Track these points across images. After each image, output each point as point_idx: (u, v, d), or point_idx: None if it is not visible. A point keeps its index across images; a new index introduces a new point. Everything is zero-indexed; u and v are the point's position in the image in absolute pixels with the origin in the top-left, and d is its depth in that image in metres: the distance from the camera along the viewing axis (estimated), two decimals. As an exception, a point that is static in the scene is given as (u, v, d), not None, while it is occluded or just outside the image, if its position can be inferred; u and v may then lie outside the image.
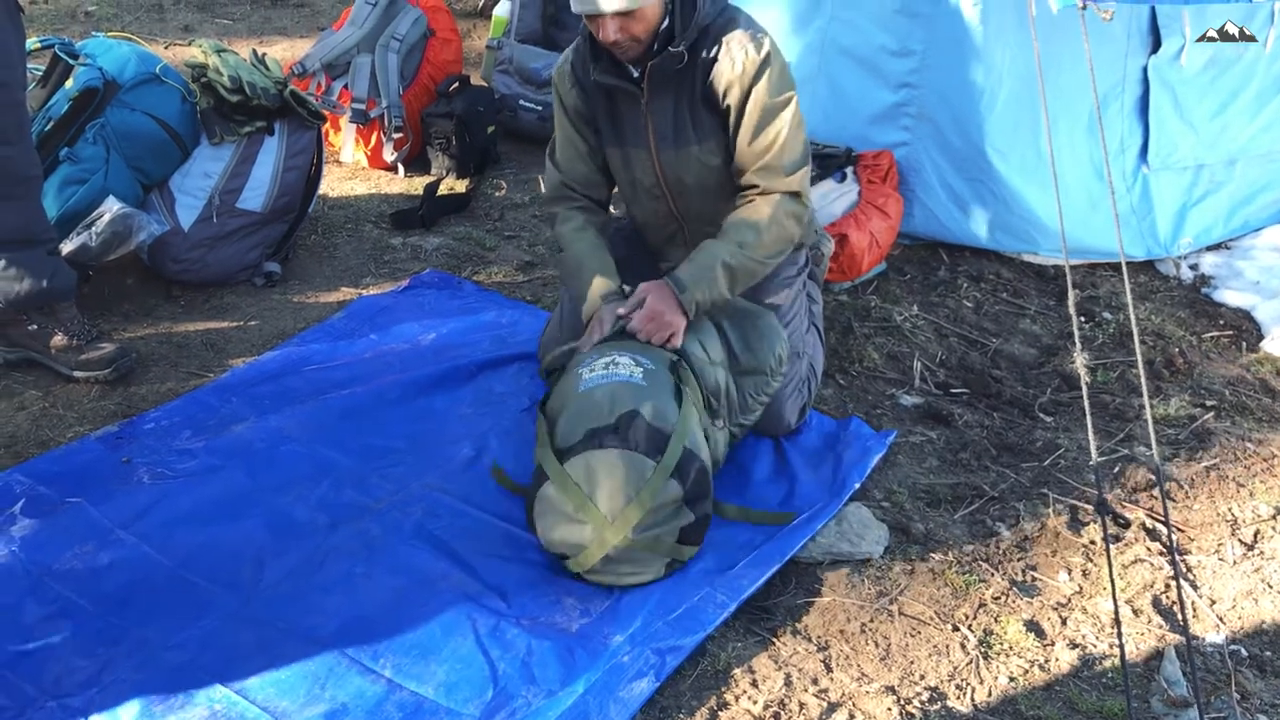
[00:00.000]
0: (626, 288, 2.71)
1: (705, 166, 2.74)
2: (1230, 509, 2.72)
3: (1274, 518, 2.69)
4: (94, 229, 3.06)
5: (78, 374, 2.90)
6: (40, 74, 3.27)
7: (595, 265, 2.74)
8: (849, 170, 3.62)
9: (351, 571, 2.31)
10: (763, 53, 2.58)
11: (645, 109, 2.68)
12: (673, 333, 2.55)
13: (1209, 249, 3.95)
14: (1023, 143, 3.58)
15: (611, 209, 3.02)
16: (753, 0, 3.24)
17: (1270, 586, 2.48)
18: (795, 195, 2.67)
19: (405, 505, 2.51)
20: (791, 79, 2.66)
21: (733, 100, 2.61)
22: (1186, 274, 3.84)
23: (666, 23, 2.57)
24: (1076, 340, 2.18)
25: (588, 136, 2.83)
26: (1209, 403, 3.12)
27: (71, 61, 3.18)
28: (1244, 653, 2.30)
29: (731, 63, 2.58)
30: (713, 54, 2.59)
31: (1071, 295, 2.13)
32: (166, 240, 3.22)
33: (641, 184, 2.83)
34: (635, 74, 2.64)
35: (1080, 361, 2.20)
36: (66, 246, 3.04)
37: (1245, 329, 3.55)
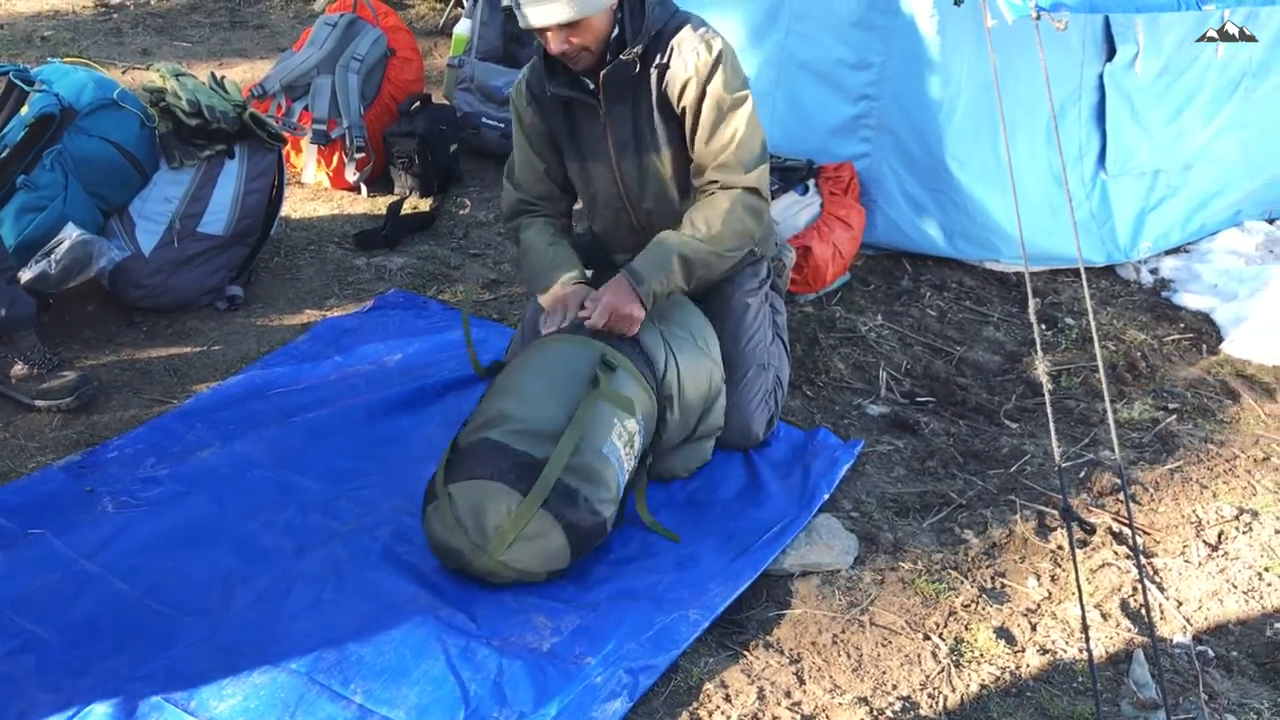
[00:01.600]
0: (589, 272, 2.75)
1: (664, 175, 2.75)
2: (1194, 511, 2.75)
3: (1237, 518, 2.72)
4: (53, 256, 3.03)
5: (39, 403, 2.86)
6: (-6, 101, 3.24)
7: (558, 260, 2.78)
8: (811, 183, 3.64)
9: (320, 596, 2.29)
10: (714, 51, 2.60)
11: (603, 119, 2.69)
12: (631, 324, 2.58)
13: (1168, 253, 4.00)
14: (982, 151, 3.62)
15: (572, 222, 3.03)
16: (709, 15, 3.24)
17: (1235, 587, 2.51)
18: (754, 191, 2.68)
19: (373, 528, 2.50)
20: (745, 77, 2.68)
21: (688, 101, 2.62)
22: (1146, 278, 3.88)
23: (617, 31, 2.58)
24: (1039, 347, 2.20)
25: (545, 155, 2.84)
26: (1171, 405, 3.16)
27: (27, 88, 3.14)
28: (1211, 653, 2.32)
29: (684, 64, 2.59)
30: (666, 59, 2.61)
31: (1032, 303, 2.16)
32: (127, 266, 3.19)
33: (601, 195, 2.85)
34: (591, 85, 2.65)
35: (1043, 369, 2.22)
36: (25, 274, 3.01)
37: (1205, 331, 3.59)
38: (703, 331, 2.73)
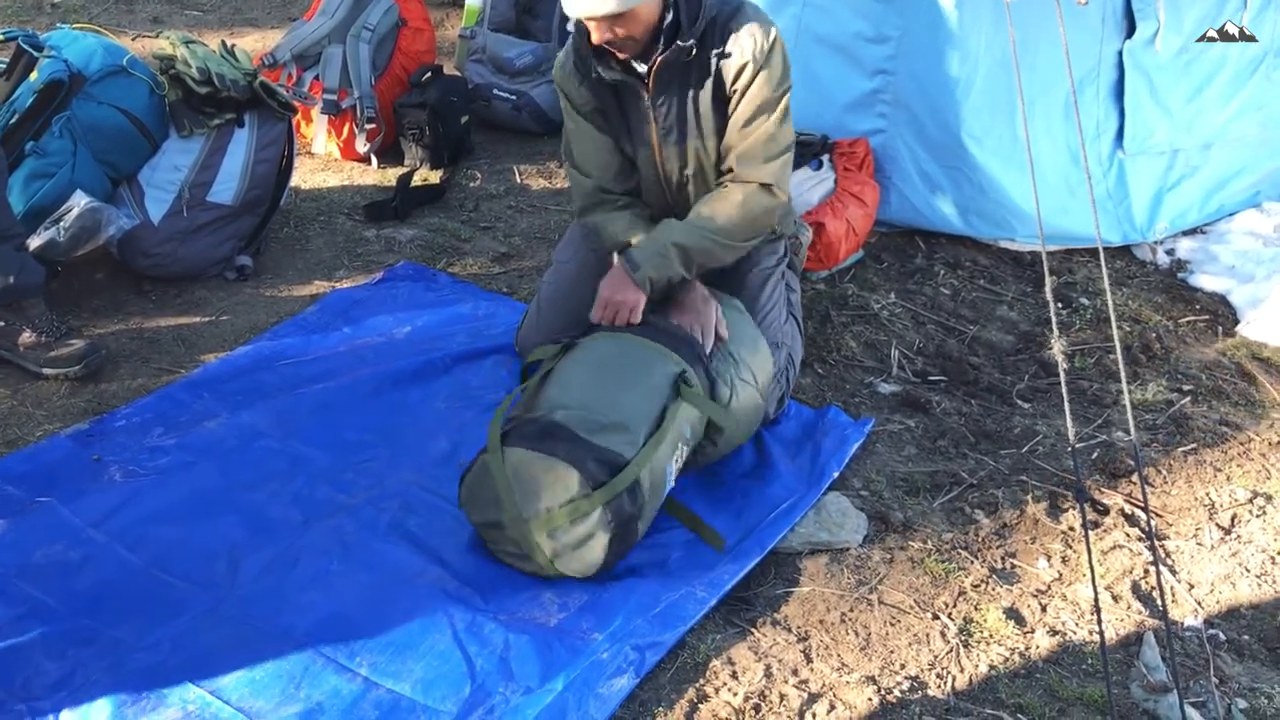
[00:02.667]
0: None
1: (706, 162, 2.74)
2: (1208, 493, 2.73)
3: (1250, 502, 2.70)
4: (62, 224, 3.02)
5: (47, 371, 2.85)
6: (3, 67, 3.21)
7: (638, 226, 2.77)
8: (825, 158, 3.60)
9: (327, 569, 2.29)
10: (771, 38, 2.58)
11: (650, 105, 2.66)
12: (631, 309, 2.58)
13: (1185, 234, 3.95)
14: (999, 129, 3.57)
15: None
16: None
17: (1247, 570, 2.49)
18: (768, 187, 2.68)
19: (380, 501, 2.49)
20: (789, 71, 2.66)
21: (740, 85, 2.60)
22: (1163, 259, 3.84)
23: (670, 17, 2.53)
24: (1055, 327, 2.17)
25: (606, 129, 2.78)
26: (1186, 387, 3.13)
27: (36, 54, 3.11)
28: (1222, 637, 2.31)
29: (741, 51, 2.56)
30: (725, 47, 2.57)
31: (1049, 282, 2.13)
32: (136, 234, 3.18)
33: (644, 182, 2.83)
34: (640, 70, 2.61)
35: (1058, 348, 2.19)
36: (34, 242, 2.99)
37: (1221, 313, 3.55)
38: (755, 358, 2.68)
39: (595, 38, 2.51)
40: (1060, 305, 3.50)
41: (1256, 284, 3.58)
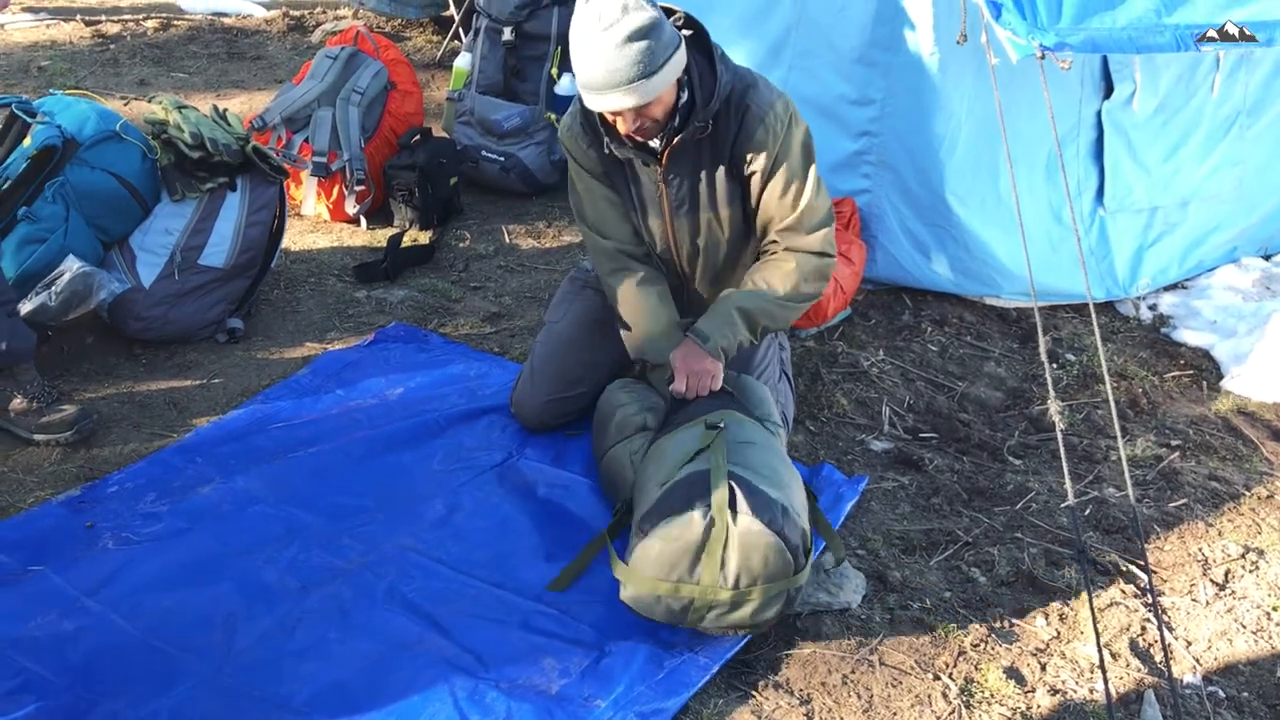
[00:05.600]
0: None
1: (720, 234, 2.77)
2: (1200, 549, 2.74)
3: (1243, 557, 2.72)
4: (53, 288, 3.01)
5: (38, 437, 2.84)
6: (-3, 132, 3.23)
7: (671, 327, 2.79)
8: (812, 218, 3.64)
9: (325, 637, 2.27)
10: (789, 113, 2.62)
11: (659, 178, 2.68)
12: (712, 378, 2.63)
13: (1166, 289, 4.01)
14: (982, 188, 3.63)
15: None
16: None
17: (1244, 626, 2.50)
18: (819, 254, 2.73)
19: (378, 566, 2.47)
20: (811, 139, 2.71)
21: (759, 165, 2.63)
22: (1146, 314, 3.89)
23: (685, 96, 2.55)
24: (1049, 384, 2.20)
25: (618, 191, 2.80)
26: (1174, 442, 3.16)
27: (29, 120, 3.13)
28: (1221, 694, 2.31)
29: (763, 128, 2.58)
30: (741, 122, 2.59)
31: (1042, 341, 2.15)
32: (127, 298, 3.17)
33: (651, 248, 2.85)
34: (655, 145, 2.62)
35: (1054, 407, 2.21)
36: (25, 306, 2.98)
37: (1205, 368, 3.60)
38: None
39: (623, 129, 2.52)
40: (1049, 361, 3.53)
41: (1239, 339, 3.63)
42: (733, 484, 2.23)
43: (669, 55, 2.41)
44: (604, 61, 2.36)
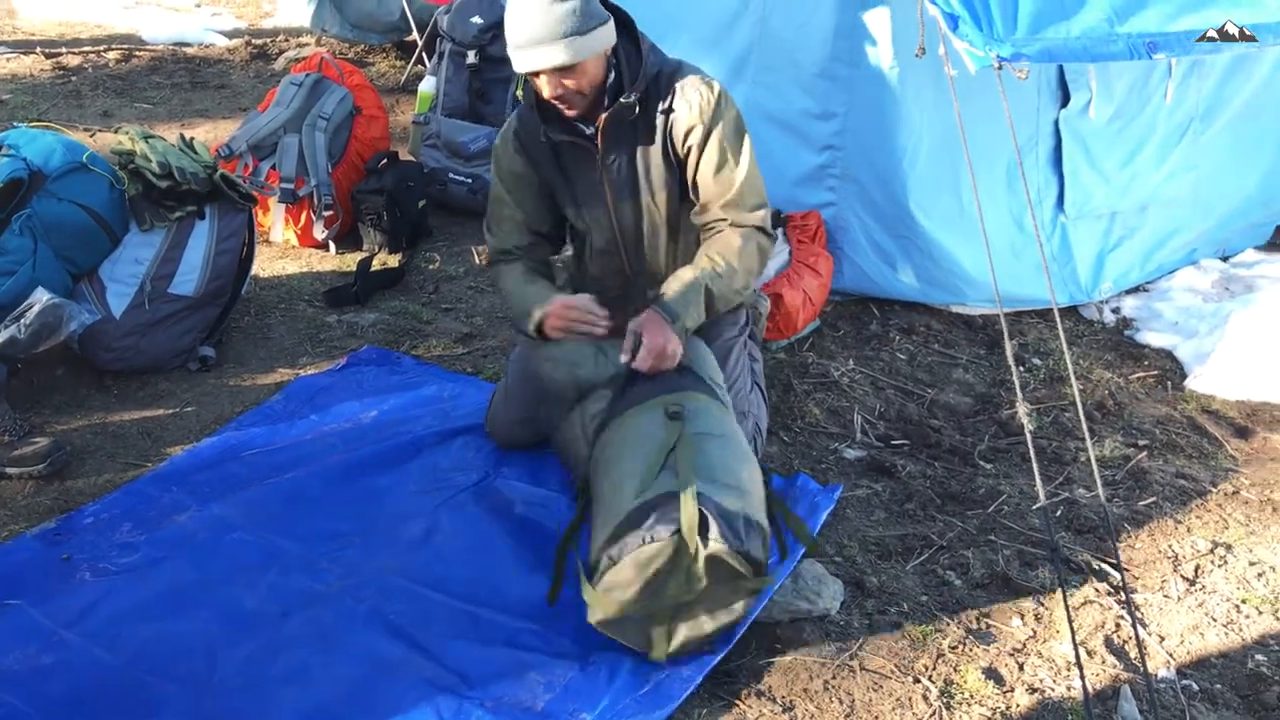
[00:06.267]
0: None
1: (658, 217, 2.81)
2: (1170, 546, 2.79)
3: (1212, 552, 2.77)
4: (23, 321, 2.99)
5: (10, 470, 2.82)
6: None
7: (539, 291, 2.82)
8: (779, 231, 3.69)
9: (307, 661, 2.26)
10: (716, 92, 2.68)
11: (600, 164, 2.73)
12: (675, 359, 2.61)
13: (1128, 292, 4.09)
14: (945, 198, 3.69)
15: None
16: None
17: (1214, 620, 2.54)
18: (762, 230, 2.76)
19: (358, 590, 2.47)
20: (742, 120, 2.75)
21: (694, 141, 2.68)
22: (1109, 317, 3.96)
23: (614, 77, 2.63)
24: (1018, 388, 2.23)
25: (526, 204, 2.87)
26: (1141, 442, 3.21)
27: (-6, 153, 3.13)
28: (1195, 687, 2.35)
29: (689, 106, 2.65)
30: (669, 102, 2.67)
31: (1009, 346, 2.19)
32: (98, 329, 3.17)
33: (597, 240, 2.89)
34: (588, 130, 2.69)
35: (1023, 410, 2.25)
36: (-6, 340, 2.97)
37: (1169, 369, 3.66)
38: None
39: (546, 92, 2.59)
40: (1016, 366, 3.58)
41: (1200, 339, 3.70)
42: (703, 510, 2.21)
43: (596, 24, 2.51)
44: (530, 18, 2.47)
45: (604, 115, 2.64)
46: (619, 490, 2.34)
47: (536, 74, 2.56)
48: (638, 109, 2.66)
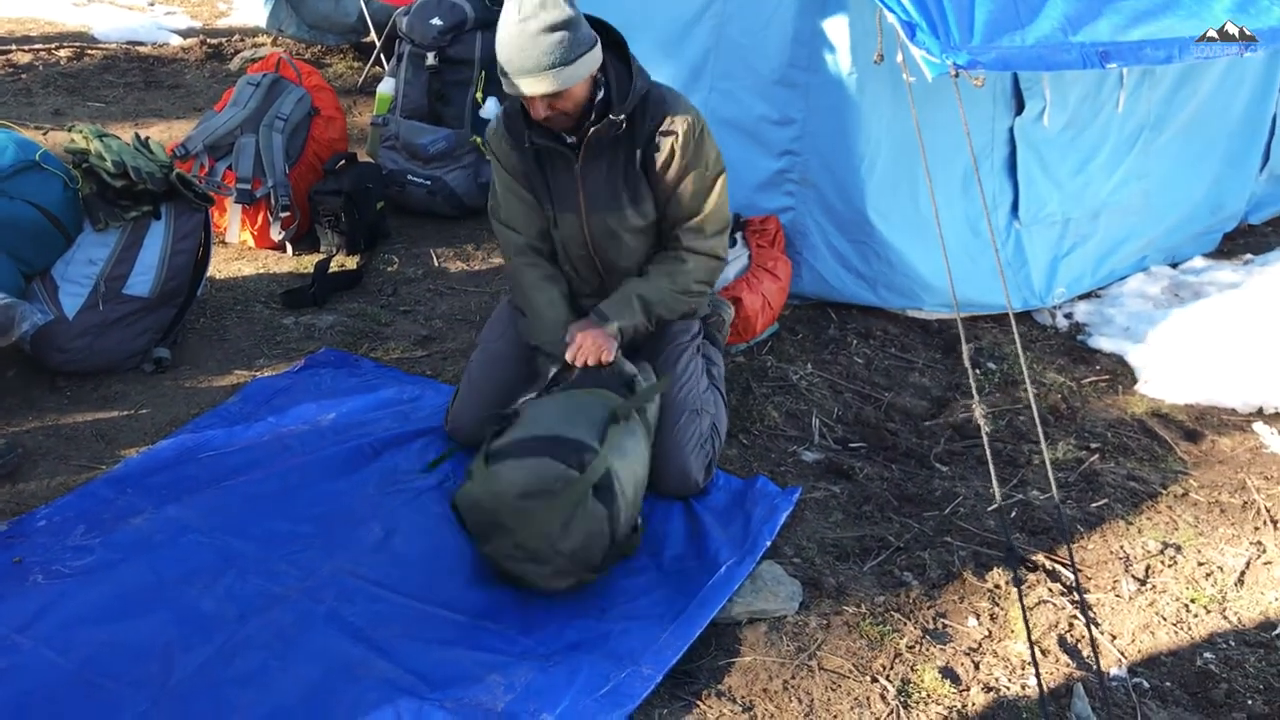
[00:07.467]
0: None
1: (631, 226, 2.87)
2: (1122, 546, 2.84)
3: (1162, 552, 2.82)
4: (-27, 321, 2.95)
5: (-40, 473, 2.78)
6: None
7: (561, 312, 2.94)
8: (738, 235, 3.71)
9: (266, 664, 2.25)
10: (700, 124, 2.79)
11: (577, 173, 2.78)
12: (604, 349, 2.78)
13: (1081, 298, 4.15)
14: (901, 204, 3.73)
15: None
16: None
17: (1164, 619, 2.59)
18: (715, 256, 2.93)
19: (316, 591, 2.46)
20: (719, 153, 2.87)
21: (672, 175, 2.79)
22: (1062, 322, 4.02)
23: (601, 94, 2.69)
24: (974, 392, 2.27)
25: (533, 191, 2.92)
26: (1094, 445, 3.27)
27: (-56, 151, 3.07)
28: (1146, 684, 2.39)
29: (678, 137, 2.74)
30: (656, 124, 2.74)
31: (965, 350, 2.23)
32: (50, 330, 3.12)
33: (569, 242, 2.94)
34: (570, 140, 2.74)
35: (979, 412, 2.28)
36: (-57, 341, 2.92)
37: (1120, 373, 3.73)
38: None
39: (535, 113, 2.65)
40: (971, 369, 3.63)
41: (1151, 344, 3.76)
42: (614, 476, 2.44)
43: (583, 51, 2.56)
44: (520, 48, 2.52)
45: (590, 131, 2.70)
46: (547, 417, 2.57)
47: (529, 99, 2.62)
48: (623, 126, 2.72)
